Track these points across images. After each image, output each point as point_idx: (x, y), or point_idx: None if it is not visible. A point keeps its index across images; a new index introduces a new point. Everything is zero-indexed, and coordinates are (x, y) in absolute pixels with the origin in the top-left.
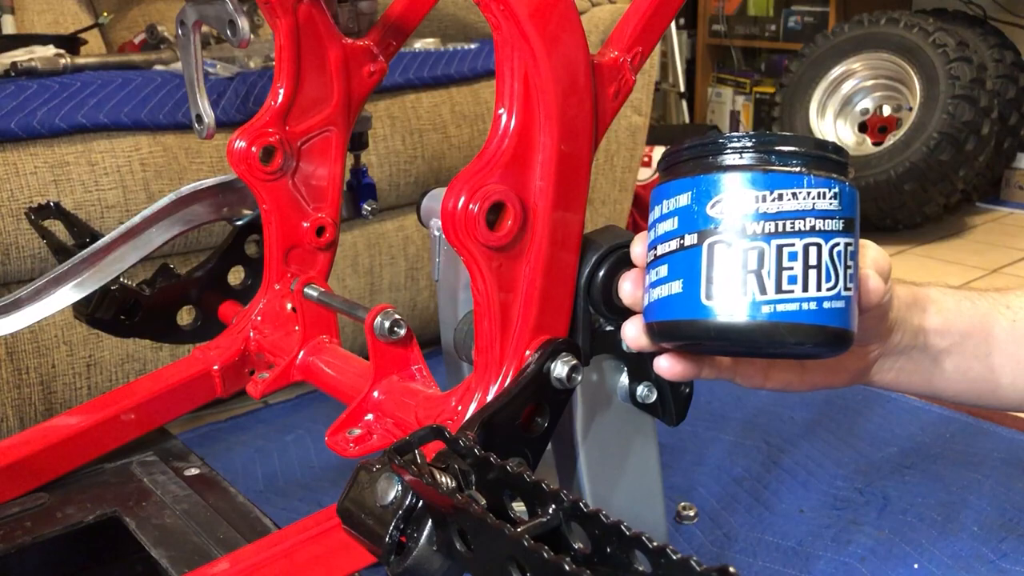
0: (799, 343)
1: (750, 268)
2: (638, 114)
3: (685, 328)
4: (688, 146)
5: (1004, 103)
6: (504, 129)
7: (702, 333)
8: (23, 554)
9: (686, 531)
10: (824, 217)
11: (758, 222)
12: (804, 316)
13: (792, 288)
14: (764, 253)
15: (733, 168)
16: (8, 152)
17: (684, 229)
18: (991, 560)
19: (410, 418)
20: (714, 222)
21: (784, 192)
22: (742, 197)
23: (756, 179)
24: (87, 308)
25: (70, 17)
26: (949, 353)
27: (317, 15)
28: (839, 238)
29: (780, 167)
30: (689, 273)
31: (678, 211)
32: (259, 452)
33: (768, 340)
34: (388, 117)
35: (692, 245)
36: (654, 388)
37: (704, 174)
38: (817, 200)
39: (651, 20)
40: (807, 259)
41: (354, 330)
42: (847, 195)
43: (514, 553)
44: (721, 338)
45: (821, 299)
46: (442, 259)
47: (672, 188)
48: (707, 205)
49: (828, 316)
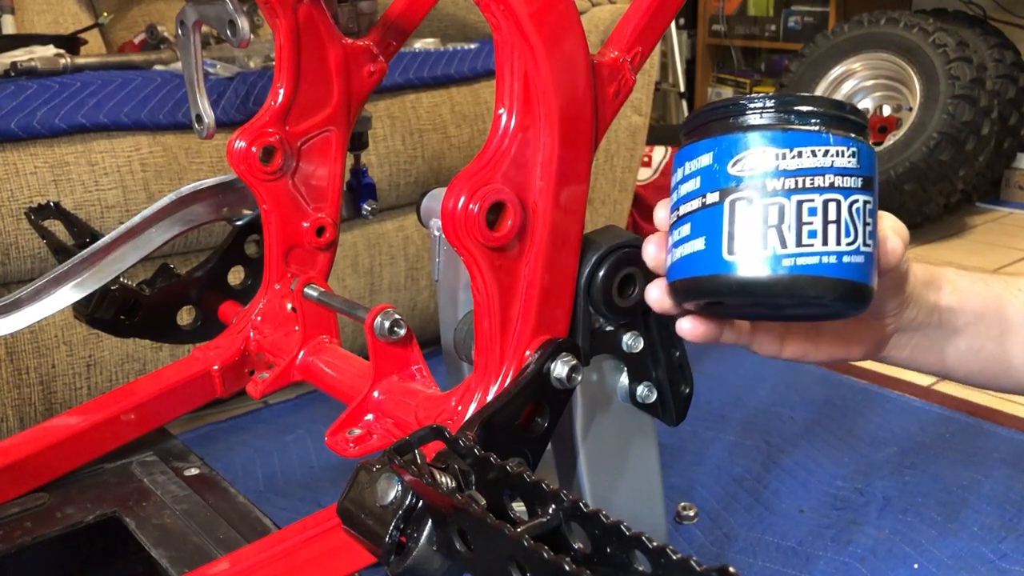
0: (819, 296)
1: (771, 223)
2: (638, 114)
3: (707, 283)
4: (710, 108)
5: (1004, 103)
6: (504, 129)
7: (724, 288)
8: (23, 554)
9: (686, 531)
10: (843, 174)
11: (778, 179)
12: (824, 269)
13: (812, 242)
14: (784, 208)
15: (754, 127)
16: (8, 152)
17: (706, 188)
18: (991, 560)
19: (410, 418)
20: (736, 180)
21: (804, 150)
22: (763, 155)
23: (776, 137)
24: (87, 308)
25: (70, 17)
26: (963, 332)
27: (317, 15)
28: (858, 195)
29: (800, 126)
30: (711, 230)
31: (700, 171)
32: (259, 452)
33: (788, 293)
34: (388, 117)
35: (714, 203)
36: (654, 388)
37: (726, 134)
38: (836, 158)
39: (651, 20)
40: (826, 214)
41: (354, 330)
42: (865, 154)
43: (514, 553)
44: (743, 292)
45: (840, 253)
46: (442, 259)
47: (695, 149)
48: (728, 164)
49: (847, 270)
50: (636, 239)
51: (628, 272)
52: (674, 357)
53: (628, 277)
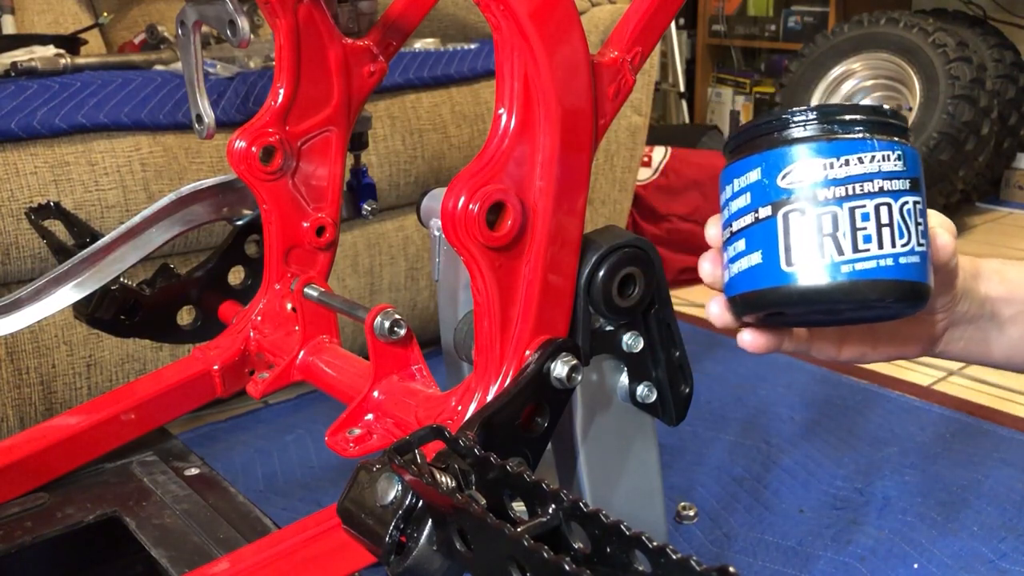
0: (879, 299)
1: (826, 232)
2: (638, 114)
3: (769, 296)
4: (753, 125)
5: (1004, 103)
6: (504, 129)
7: (785, 299)
8: (23, 554)
9: (686, 531)
10: (891, 178)
11: (828, 188)
12: (882, 272)
13: (868, 247)
14: (837, 216)
15: (799, 140)
16: (8, 152)
17: (758, 203)
18: (991, 560)
19: (410, 418)
20: (786, 192)
21: (850, 157)
22: (811, 166)
23: (822, 148)
24: (87, 308)
25: (70, 17)
26: (1015, 321)
27: (317, 15)
28: (907, 197)
29: (844, 135)
30: (767, 243)
31: (750, 187)
32: (259, 452)
33: (849, 299)
34: (388, 117)
35: (767, 217)
36: (654, 388)
37: (772, 148)
38: (883, 162)
39: (651, 20)
40: (879, 218)
41: (354, 330)
42: (910, 156)
43: (514, 553)
44: (804, 302)
45: (897, 255)
46: (442, 259)
47: (742, 166)
48: (778, 177)
49: (905, 270)
50: (636, 239)
51: (628, 272)
52: (674, 357)
53: (628, 277)
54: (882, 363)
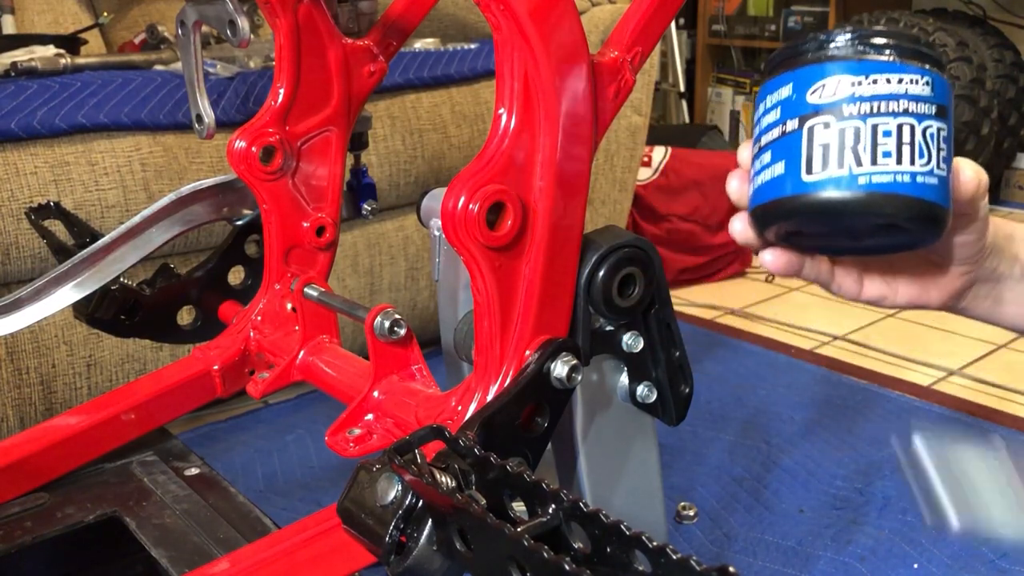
0: (894, 214)
1: (847, 144)
2: (638, 114)
3: (787, 204)
4: (790, 45)
5: (1004, 103)
6: (504, 129)
7: (803, 208)
8: (23, 554)
9: (686, 531)
10: (917, 100)
11: (854, 104)
12: (898, 187)
13: (887, 162)
14: (860, 130)
15: (831, 59)
16: (8, 152)
17: (786, 116)
18: (991, 560)
19: (410, 418)
20: (814, 107)
21: (879, 77)
22: (839, 83)
23: (852, 66)
24: (87, 308)
25: (70, 17)
26: None
27: (317, 15)
28: (931, 121)
29: (875, 56)
30: (791, 154)
31: (781, 102)
32: (259, 452)
33: (865, 210)
34: (388, 117)
35: (794, 130)
36: (654, 388)
37: (804, 66)
38: (910, 85)
39: (651, 20)
40: (900, 136)
41: (354, 330)
42: (939, 84)
43: (514, 553)
44: (821, 211)
45: (915, 173)
46: (442, 259)
47: (775, 83)
48: (807, 92)
49: (921, 189)
50: (636, 239)
51: (628, 272)
52: (674, 357)
53: (628, 277)
54: (889, 359)
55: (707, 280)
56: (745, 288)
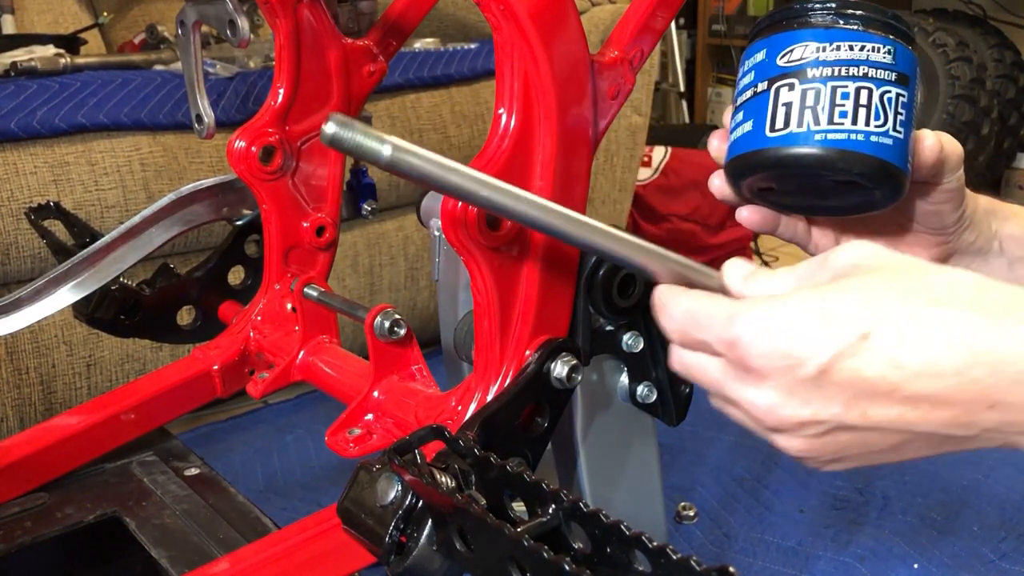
0: (846, 168)
1: (807, 104)
2: (638, 114)
3: (752, 158)
4: (769, 14)
5: (1004, 103)
6: (504, 129)
7: (765, 161)
8: (23, 554)
9: (686, 531)
10: (876, 67)
11: (817, 67)
12: (852, 144)
13: (842, 121)
14: (820, 92)
15: (802, 26)
16: (8, 152)
17: (758, 79)
18: (991, 560)
19: (410, 418)
20: (782, 70)
21: (842, 44)
22: (806, 48)
23: (819, 34)
24: (87, 308)
25: (70, 17)
26: None
27: (317, 15)
28: (890, 87)
29: (842, 24)
30: (758, 113)
31: (755, 66)
32: (259, 452)
33: (819, 164)
34: (388, 117)
35: (763, 90)
36: (654, 388)
37: (777, 33)
38: (871, 53)
39: (651, 20)
40: (858, 99)
41: (354, 330)
42: (901, 54)
43: (514, 553)
44: (781, 165)
45: (868, 132)
46: (442, 259)
47: (753, 48)
48: (777, 57)
49: (874, 148)
50: None
51: (628, 272)
52: None
53: (628, 277)
54: None
55: None
56: None
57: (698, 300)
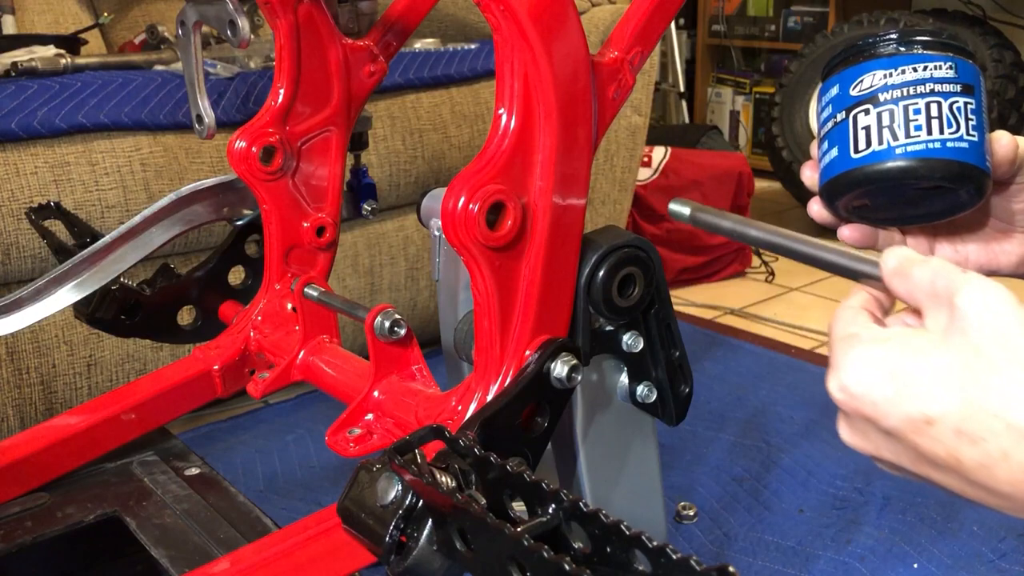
0: (929, 174)
1: (883, 124)
2: (638, 114)
3: (842, 180)
4: (835, 54)
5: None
6: (504, 129)
7: (854, 180)
8: (23, 554)
9: (686, 531)
10: (942, 82)
11: (888, 91)
12: (930, 152)
13: (918, 134)
14: (894, 112)
15: (867, 58)
16: (8, 152)
17: (836, 110)
18: (991, 560)
19: (410, 418)
20: (856, 99)
21: (907, 67)
22: (874, 76)
23: (884, 62)
24: (87, 308)
25: (70, 17)
26: None
27: (317, 15)
28: (957, 97)
29: (903, 50)
30: (841, 139)
31: (831, 100)
32: (259, 452)
33: (904, 174)
34: (388, 117)
35: (842, 120)
36: (654, 388)
37: (845, 68)
38: (934, 71)
39: (651, 20)
40: (929, 112)
41: (354, 330)
42: (962, 67)
43: (514, 553)
44: (869, 181)
45: (944, 140)
46: (442, 259)
47: (827, 85)
48: (850, 88)
49: (952, 152)
50: (636, 239)
51: (628, 272)
52: (674, 357)
53: (628, 277)
54: None
55: (707, 280)
56: (745, 288)
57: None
